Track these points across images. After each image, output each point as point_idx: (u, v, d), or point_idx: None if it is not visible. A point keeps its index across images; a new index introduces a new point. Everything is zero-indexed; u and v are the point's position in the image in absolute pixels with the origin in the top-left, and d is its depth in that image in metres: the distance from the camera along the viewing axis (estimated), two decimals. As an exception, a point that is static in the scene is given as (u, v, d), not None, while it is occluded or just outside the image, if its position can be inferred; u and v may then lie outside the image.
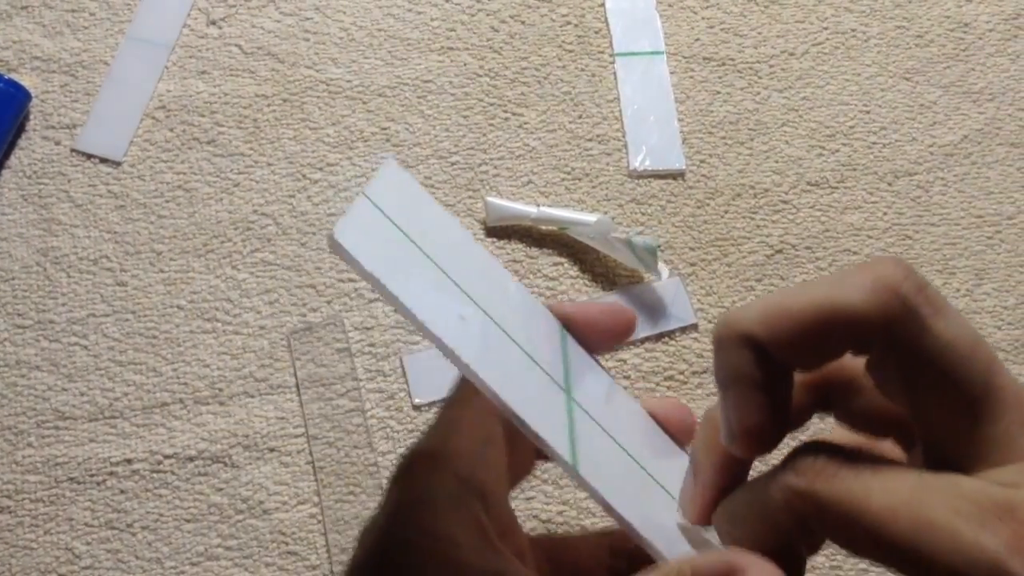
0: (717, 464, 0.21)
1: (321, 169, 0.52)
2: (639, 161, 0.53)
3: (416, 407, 0.47)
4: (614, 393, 0.23)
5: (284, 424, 0.47)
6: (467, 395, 0.23)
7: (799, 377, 0.20)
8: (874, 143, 0.54)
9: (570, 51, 0.55)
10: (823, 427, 0.20)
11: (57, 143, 0.52)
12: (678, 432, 0.24)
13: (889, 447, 0.21)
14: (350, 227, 0.21)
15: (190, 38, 0.55)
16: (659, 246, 0.48)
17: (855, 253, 0.51)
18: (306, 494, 0.45)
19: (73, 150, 0.52)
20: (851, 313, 0.17)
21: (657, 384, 0.48)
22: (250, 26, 0.55)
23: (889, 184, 0.53)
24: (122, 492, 0.45)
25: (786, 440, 0.17)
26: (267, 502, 0.45)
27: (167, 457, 0.46)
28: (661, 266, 0.49)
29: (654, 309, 0.49)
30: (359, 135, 0.53)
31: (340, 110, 0.53)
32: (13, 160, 0.52)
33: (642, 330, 0.49)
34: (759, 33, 0.57)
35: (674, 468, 0.23)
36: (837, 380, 0.21)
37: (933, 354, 0.17)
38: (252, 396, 0.47)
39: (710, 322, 0.49)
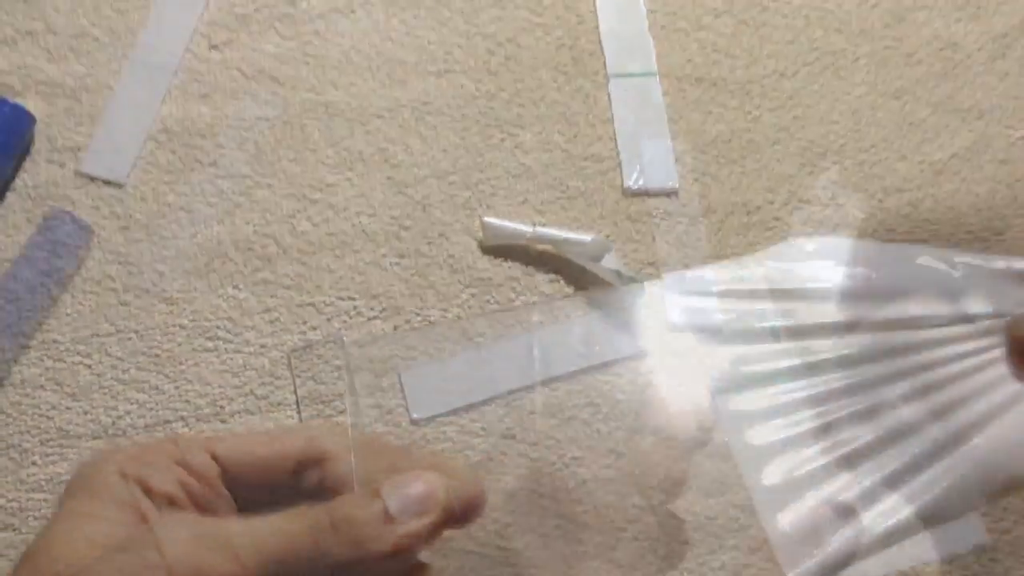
0: None
1: (321, 190, 0.53)
2: (633, 180, 0.54)
3: (414, 422, 0.48)
4: None
5: (284, 441, 0.47)
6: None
7: None
8: (864, 161, 0.55)
9: (565, 73, 0.56)
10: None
11: (61, 166, 0.53)
12: None
13: None
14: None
15: (192, 62, 0.56)
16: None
17: (846, 269, 0.52)
18: (306, 510, 0.46)
19: (77, 172, 0.53)
20: None
21: (652, 399, 0.48)
22: (251, 50, 0.56)
23: (880, 201, 0.54)
24: (125, 509, 0.46)
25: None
26: (268, 518, 0.46)
27: (169, 474, 0.46)
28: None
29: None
30: (358, 156, 0.54)
31: (339, 132, 0.54)
32: (18, 183, 0.53)
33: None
34: (750, 54, 0.58)
35: None
36: None
37: None
38: (253, 413, 0.48)
39: (704, 338, 0.50)
